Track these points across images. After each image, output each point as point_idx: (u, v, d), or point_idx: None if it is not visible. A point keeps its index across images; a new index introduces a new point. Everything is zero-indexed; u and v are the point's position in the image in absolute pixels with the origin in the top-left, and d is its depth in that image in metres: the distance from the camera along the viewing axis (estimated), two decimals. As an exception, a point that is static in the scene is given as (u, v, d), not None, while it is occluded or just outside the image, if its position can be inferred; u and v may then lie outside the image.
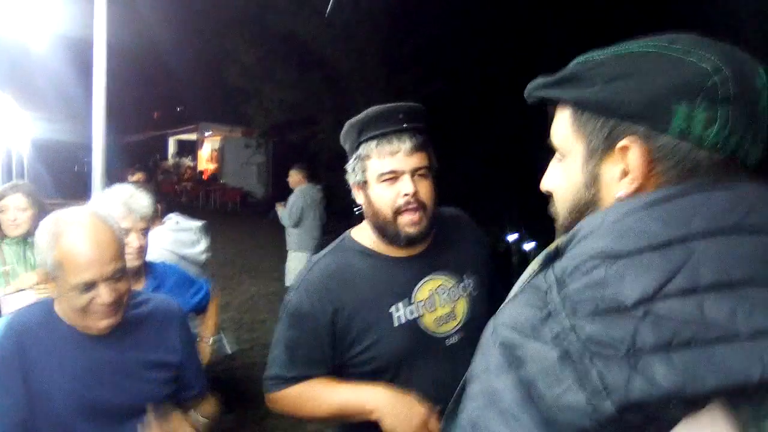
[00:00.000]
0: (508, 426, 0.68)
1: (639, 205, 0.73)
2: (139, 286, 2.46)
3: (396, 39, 13.23)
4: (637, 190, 0.79)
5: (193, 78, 21.53)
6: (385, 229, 1.75)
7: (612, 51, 0.83)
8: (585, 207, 0.86)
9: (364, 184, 1.77)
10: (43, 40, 5.94)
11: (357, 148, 1.76)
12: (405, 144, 1.69)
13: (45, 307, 1.79)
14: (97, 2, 3.28)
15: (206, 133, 28.36)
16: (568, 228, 0.83)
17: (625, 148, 0.79)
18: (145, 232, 2.49)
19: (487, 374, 0.73)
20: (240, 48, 15.14)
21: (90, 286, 1.62)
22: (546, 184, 0.95)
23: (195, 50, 18.62)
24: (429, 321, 1.76)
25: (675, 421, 0.61)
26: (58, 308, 1.76)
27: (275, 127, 16.34)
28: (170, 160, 30.45)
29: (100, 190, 3.30)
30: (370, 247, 1.83)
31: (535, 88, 0.92)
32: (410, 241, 1.75)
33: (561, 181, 0.91)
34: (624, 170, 0.80)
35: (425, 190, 1.72)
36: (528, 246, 9.90)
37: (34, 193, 3.41)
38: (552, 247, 0.80)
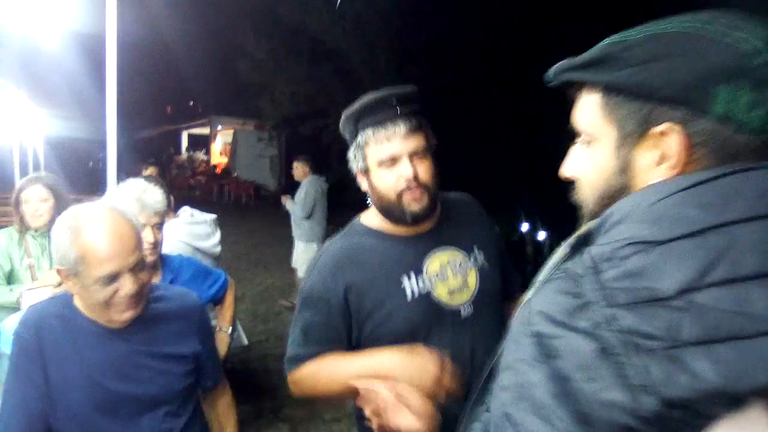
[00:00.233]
0: (543, 420, 0.65)
1: (675, 189, 0.70)
2: (156, 280, 2.48)
3: (407, 31, 13.18)
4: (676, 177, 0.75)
5: (204, 72, 21.60)
6: (391, 211, 1.80)
7: (646, 31, 0.79)
8: (617, 194, 0.81)
9: (366, 171, 1.82)
10: (56, 38, 5.98)
11: (356, 136, 1.82)
12: (400, 128, 1.74)
13: (64, 301, 1.81)
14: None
15: (218, 127, 28.41)
16: (596, 215, 0.79)
17: (663, 134, 0.76)
18: (159, 226, 2.50)
19: (521, 365, 0.70)
20: (251, 41, 15.15)
21: (113, 277, 1.64)
22: (569, 170, 0.92)
23: (206, 44, 18.67)
24: (442, 293, 1.78)
25: (717, 418, 0.59)
26: (78, 302, 1.78)
27: (287, 119, 16.34)
28: (184, 155, 30.56)
29: (114, 185, 3.32)
30: (378, 228, 1.88)
31: (561, 71, 0.87)
32: (416, 218, 1.79)
33: (589, 167, 0.87)
34: (661, 156, 0.77)
35: (424, 170, 1.77)
36: (541, 235, 9.85)
37: (54, 184, 3.43)
38: (583, 230, 0.77)
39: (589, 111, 0.85)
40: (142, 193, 2.45)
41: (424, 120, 1.82)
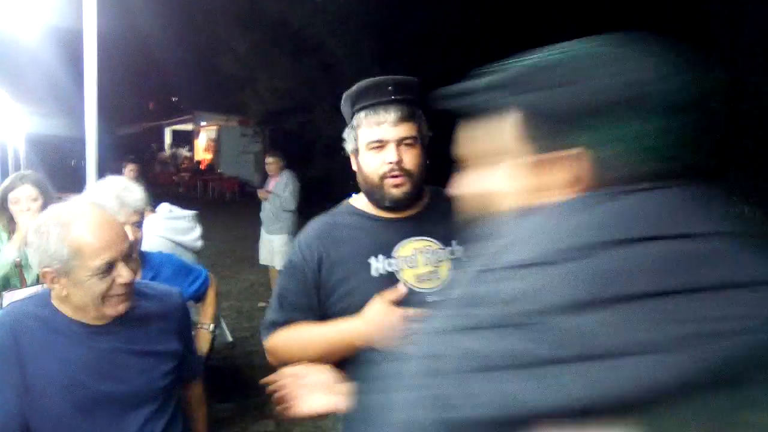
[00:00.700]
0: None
1: (572, 211, 0.70)
2: (136, 278, 2.46)
3: (390, 24, 13.17)
4: None
5: (187, 67, 21.42)
6: (373, 193, 1.87)
7: (559, 53, 0.79)
8: (515, 213, 0.80)
9: (356, 152, 1.89)
10: (35, 33, 5.90)
11: (351, 118, 1.89)
12: (391, 115, 1.80)
13: (41, 300, 1.79)
14: (86, -7, 3.25)
15: (202, 123, 28.26)
16: (492, 235, 0.77)
17: (572, 156, 0.75)
18: (138, 224, 2.48)
19: (406, 380, 0.71)
20: (233, 35, 15.06)
21: (110, 267, 1.65)
22: (470, 187, 0.90)
23: (188, 39, 18.52)
24: (409, 276, 1.81)
25: None
26: (59, 302, 1.76)
27: (270, 114, 16.30)
28: (167, 151, 30.38)
29: (93, 183, 3.29)
30: (362, 209, 1.95)
31: (466, 92, 0.85)
32: (395, 203, 1.85)
33: (494, 186, 0.86)
34: (569, 178, 0.76)
35: (410, 158, 1.83)
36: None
37: (41, 182, 3.41)
38: (474, 253, 0.77)
39: (497, 132, 0.83)
40: (121, 191, 2.43)
41: (418, 110, 1.87)
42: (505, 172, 0.82)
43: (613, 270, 0.61)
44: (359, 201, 1.98)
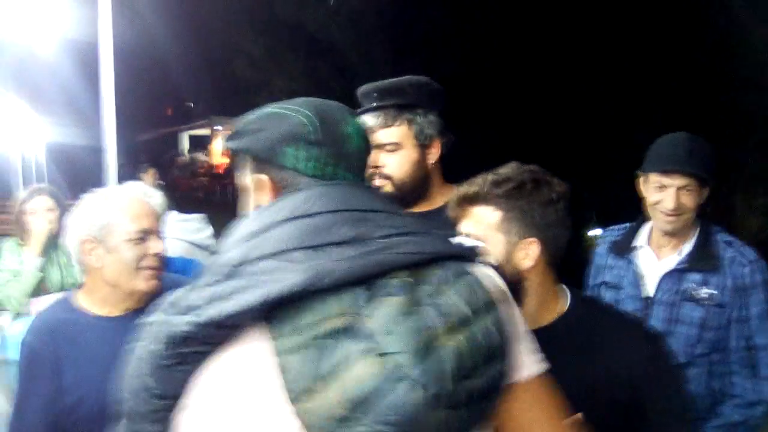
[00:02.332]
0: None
1: (256, 212, 1.07)
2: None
3: (403, 24, 13.18)
4: None
5: (202, 72, 21.56)
6: None
7: (259, 112, 1.14)
8: (249, 214, 1.16)
9: None
10: (52, 46, 6.00)
11: None
12: (371, 121, 1.87)
13: (65, 304, 1.85)
14: (101, 4, 3.32)
15: (218, 127, 28.42)
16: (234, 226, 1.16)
17: (259, 180, 1.12)
18: (159, 235, 2.53)
19: None
20: (247, 40, 15.14)
21: (145, 235, 1.77)
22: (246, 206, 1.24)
23: (202, 44, 18.63)
24: None
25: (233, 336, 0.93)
26: (84, 297, 1.84)
27: (286, 117, 16.33)
28: (186, 156, 30.57)
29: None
30: None
31: (225, 141, 1.23)
32: None
33: (246, 201, 1.20)
34: (268, 191, 1.11)
35: (391, 162, 1.89)
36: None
37: (57, 194, 3.50)
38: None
39: (244, 166, 1.18)
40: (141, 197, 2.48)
41: (409, 113, 1.90)
42: (247, 195, 1.19)
43: (271, 238, 0.97)
44: None
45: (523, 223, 1.47)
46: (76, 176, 10.65)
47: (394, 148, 1.88)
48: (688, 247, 2.31)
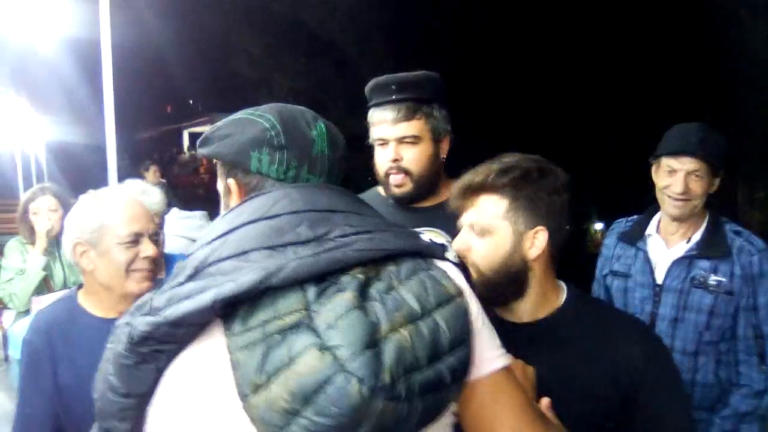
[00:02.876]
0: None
1: (231, 211, 1.10)
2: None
3: (402, 22, 13.16)
4: None
5: (202, 70, 21.54)
6: (383, 186, 2.00)
7: (227, 119, 1.20)
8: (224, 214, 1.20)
9: (371, 145, 2.01)
10: (53, 44, 6.00)
11: (368, 113, 1.99)
12: (390, 114, 1.88)
13: (68, 302, 1.85)
14: (101, 2, 3.31)
15: (219, 125, 28.36)
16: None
17: (231, 183, 1.18)
18: (157, 235, 2.53)
19: None
20: (246, 37, 15.13)
21: (137, 238, 1.76)
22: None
23: (202, 42, 18.62)
24: None
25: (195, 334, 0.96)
26: (84, 297, 1.84)
27: (286, 114, 16.32)
28: (186, 154, 30.56)
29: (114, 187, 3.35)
30: (383, 194, 2.05)
31: (197, 147, 1.27)
32: (396, 200, 1.96)
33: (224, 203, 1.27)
34: (232, 198, 1.19)
35: (410, 156, 1.90)
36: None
37: (61, 193, 3.51)
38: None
39: (219, 172, 1.26)
40: (140, 195, 2.48)
41: (428, 106, 1.91)
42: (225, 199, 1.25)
43: (233, 240, 1.00)
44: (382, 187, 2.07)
45: (530, 212, 1.47)
46: (76, 175, 10.66)
47: (415, 141, 1.90)
48: (697, 235, 2.34)
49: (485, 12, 11.94)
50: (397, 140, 1.88)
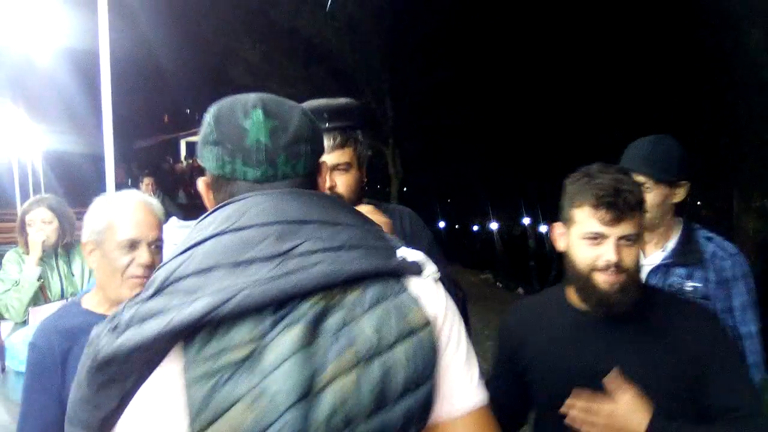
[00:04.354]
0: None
1: (205, 217, 1.05)
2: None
3: (399, 29, 13.23)
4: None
5: (200, 79, 21.61)
6: None
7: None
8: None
9: None
10: (50, 54, 6.01)
11: None
12: (324, 142, 1.87)
13: (74, 306, 1.87)
14: (100, 12, 3.33)
15: (216, 134, 28.38)
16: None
17: (199, 183, 1.16)
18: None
19: None
20: (244, 46, 15.19)
21: (134, 244, 1.79)
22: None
23: (200, 51, 18.68)
24: None
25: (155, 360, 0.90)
26: (89, 298, 1.87)
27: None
28: (183, 163, 30.59)
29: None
30: None
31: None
32: None
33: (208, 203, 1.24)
34: (214, 199, 1.13)
35: (341, 182, 1.92)
36: (543, 228, 9.83)
37: (58, 205, 3.50)
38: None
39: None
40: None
41: (354, 134, 1.95)
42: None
43: (199, 253, 0.95)
44: None
45: None
46: (73, 184, 10.66)
47: (347, 168, 1.93)
48: (671, 243, 2.40)
49: (481, 21, 12.00)
50: (332, 167, 1.91)
